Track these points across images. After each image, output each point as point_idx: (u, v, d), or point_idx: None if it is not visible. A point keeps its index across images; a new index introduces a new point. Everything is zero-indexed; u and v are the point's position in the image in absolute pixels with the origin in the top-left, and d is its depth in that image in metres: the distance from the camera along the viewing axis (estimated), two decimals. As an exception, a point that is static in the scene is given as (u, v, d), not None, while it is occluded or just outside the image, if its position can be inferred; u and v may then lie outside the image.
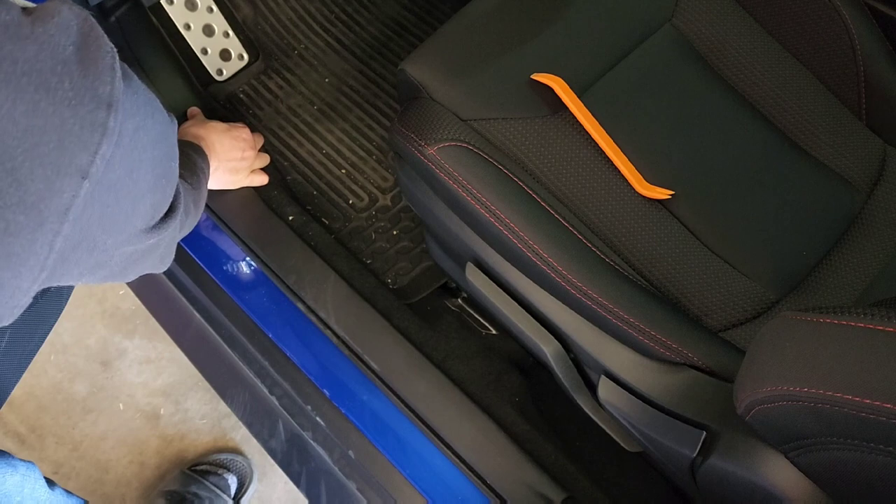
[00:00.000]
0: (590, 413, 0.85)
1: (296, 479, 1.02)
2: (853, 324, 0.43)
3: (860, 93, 0.87)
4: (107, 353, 1.32)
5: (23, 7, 0.42)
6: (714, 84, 0.87)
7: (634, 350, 0.73)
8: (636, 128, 0.83)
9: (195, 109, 1.09)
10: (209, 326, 1.03)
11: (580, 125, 0.82)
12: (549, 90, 0.82)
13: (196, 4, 1.18)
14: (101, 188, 0.43)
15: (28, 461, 0.83)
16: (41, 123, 0.39)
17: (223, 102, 1.20)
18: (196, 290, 1.04)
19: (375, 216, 1.12)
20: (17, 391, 1.27)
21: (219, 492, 1.16)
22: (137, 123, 0.46)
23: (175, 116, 0.58)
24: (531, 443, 0.90)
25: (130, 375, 1.30)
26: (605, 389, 0.76)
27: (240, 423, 1.17)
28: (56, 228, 0.42)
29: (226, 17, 1.22)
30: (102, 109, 0.42)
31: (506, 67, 0.83)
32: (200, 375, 1.13)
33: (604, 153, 0.81)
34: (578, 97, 0.82)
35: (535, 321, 0.82)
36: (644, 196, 0.80)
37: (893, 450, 0.41)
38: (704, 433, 0.65)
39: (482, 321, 1.06)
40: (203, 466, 1.20)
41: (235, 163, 1.01)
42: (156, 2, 1.13)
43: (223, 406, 1.24)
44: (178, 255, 1.00)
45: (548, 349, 0.81)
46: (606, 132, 0.81)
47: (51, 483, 0.88)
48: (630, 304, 0.72)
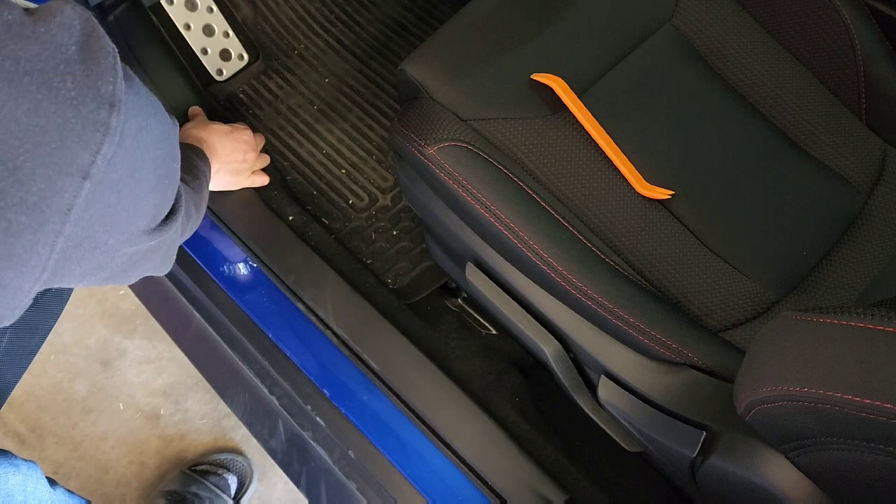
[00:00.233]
0: (590, 413, 0.85)
1: (296, 479, 1.02)
2: (853, 324, 0.43)
3: (860, 93, 0.87)
4: (107, 353, 1.32)
5: (25, 8, 0.42)
6: (714, 84, 0.87)
7: (634, 350, 0.73)
8: (636, 128, 0.83)
9: (196, 109, 1.09)
10: (209, 326, 1.03)
11: (580, 125, 0.82)
12: (549, 90, 0.82)
13: (196, 4, 1.18)
14: (103, 188, 0.43)
15: (30, 461, 0.83)
16: (43, 123, 0.39)
17: (223, 102, 1.20)
18: (196, 290, 1.04)
19: (375, 216, 1.12)
20: (18, 391, 1.27)
21: (219, 492, 1.16)
22: (140, 123, 0.46)
23: (176, 116, 0.58)
24: (531, 443, 0.90)
25: (130, 375, 1.30)
26: (605, 389, 0.76)
27: (240, 423, 1.17)
28: (58, 228, 0.42)
29: (226, 17, 1.22)
30: (105, 109, 0.42)
31: (506, 67, 0.83)
32: (200, 375, 1.13)
33: (604, 153, 0.81)
34: (578, 97, 0.82)
35: (535, 321, 0.82)
36: (644, 196, 0.80)
37: (893, 450, 0.41)
38: (704, 433, 0.65)
39: (482, 321, 1.06)
40: (203, 466, 1.20)
41: (237, 164, 1.01)
42: (156, 2, 1.13)
43: (223, 406, 1.24)
44: (179, 256, 0.99)
45: (548, 349, 0.81)
46: (606, 132, 0.81)
47: (52, 482, 0.88)
48: (630, 304, 0.72)
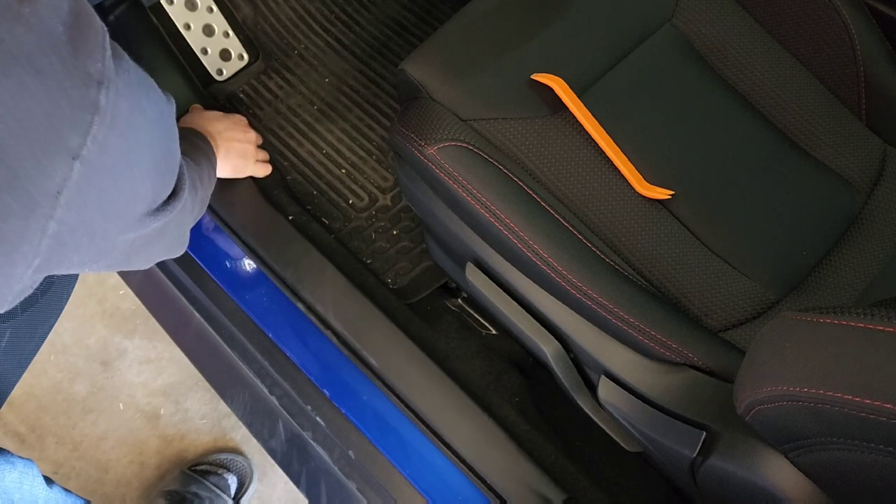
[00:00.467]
0: (590, 413, 0.85)
1: (296, 479, 1.01)
2: (853, 324, 0.43)
3: (860, 93, 0.87)
4: (107, 353, 1.32)
5: None
6: (714, 84, 0.87)
7: (634, 350, 0.73)
8: (636, 128, 0.83)
9: (196, 107, 1.09)
10: (209, 326, 1.03)
11: (580, 125, 0.82)
12: (549, 90, 0.82)
13: (196, 4, 1.18)
14: (97, 171, 0.42)
15: (27, 459, 0.83)
16: (30, 104, 0.38)
17: (223, 102, 1.20)
18: (196, 290, 1.04)
19: (375, 216, 1.12)
20: (17, 391, 1.27)
21: (219, 492, 1.16)
22: (132, 103, 0.45)
23: (175, 117, 0.57)
24: (531, 443, 0.90)
25: (130, 375, 1.30)
26: (605, 389, 0.76)
27: (240, 423, 1.17)
28: (48, 212, 0.41)
29: (226, 17, 1.22)
30: (93, 88, 0.41)
31: (506, 67, 0.83)
32: (200, 375, 1.13)
33: (604, 153, 0.81)
34: (578, 97, 0.82)
35: (535, 321, 0.82)
36: (644, 196, 0.80)
37: (893, 450, 0.41)
38: (704, 433, 0.65)
39: (482, 321, 1.06)
40: (203, 466, 1.20)
41: (241, 145, 1.01)
42: (156, 2, 1.13)
43: (223, 406, 1.24)
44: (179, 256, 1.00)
45: (548, 349, 0.81)
46: (606, 132, 0.81)
47: (49, 481, 0.88)
48: (630, 304, 0.72)
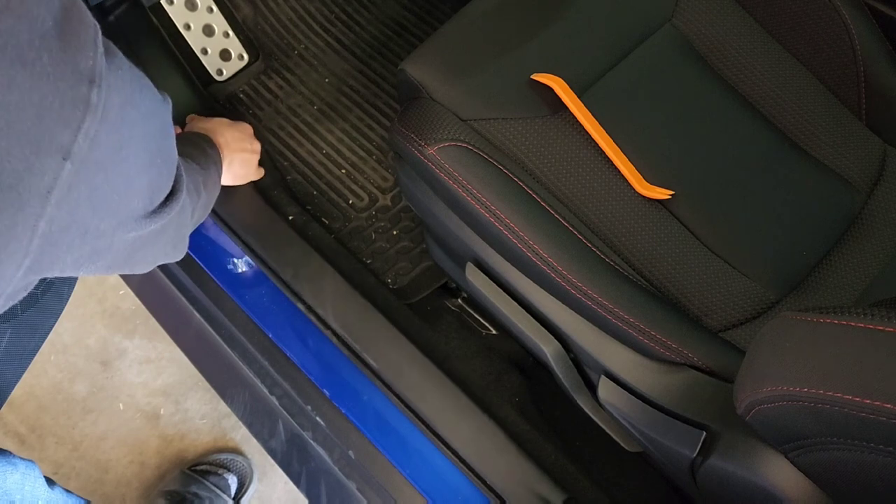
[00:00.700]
0: (590, 413, 0.85)
1: (296, 479, 1.01)
2: (853, 324, 0.43)
3: (860, 93, 0.87)
4: (107, 353, 1.32)
5: None
6: (714, 84, 0.87)
7: (634, 350, 0.73)
8: (636, 128, 0.83)
9: (193, 117, 1.08)
10: (209, 326, 1.03)
11: (580, 125, 0.82)
12: (549, 90, 0.82)
13: (196, 4, 1.18)
14: (87, 168, 0.41)
15: (28, 459, 0.83)
16: (17, 100, 0.37)
17: (223, 102, 1.20)
18: (196, 290, 1.04)
19: (375, 216, 1.12)
20: (18, 391, 1.27)
21: (219, 492, 1.16)
22: (124, 99, 0.43)
23: (175, 118, 0.57)
24: (531, 443, 0.90)
25: (130, 375, 1.30)
26: (605, 389, 0.76)
27: (240, 423, 1.17)
28: (38, 211, 0.40)
29: (226, 17, 1.22)
30: (84, 84, 0.40)
31: (506, 67, 0.83)
32: (200, 375, 1.13)
33: (604, 153, 0.81)
34: (578, 97, 0.82)
35: (535, 321, 0.82)
36: (644, 196, 0.80)
37: (893, 450, 0.41)
38: (704, 433, 0.65)
39: (482, 321, 1.06)
40: (203, 466, 1.20)
41: (247, 154, 1.01)
42: (156, 2, 1.13)
43: (223, 406, 1.24)
44: (178, 255, 1.00)
45: (548, 349, 0.81)
46: (606, 132, 0.81)
47: (50, 482, 0.88)
48: (630, 304, 0.72)
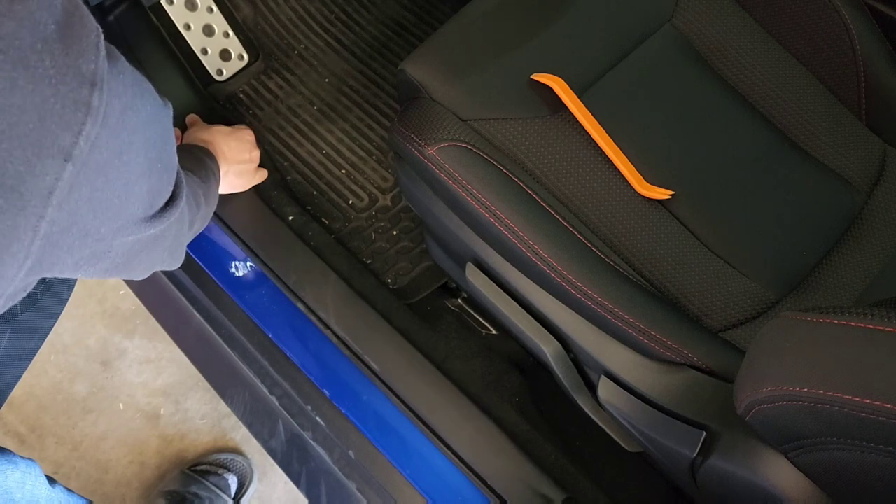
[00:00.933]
0: (590, 413, 0.85)
1: (296, 479, 1.01)
2: (853, 324, 0.43)
3: (860, 93, 0.87)
4: (107, 353, 1.32)
5: None
6: (714, 84, 0.87)
7: (634, 350, 0.73)
8: (636, 128, 0.83)
9: (193, 117, 1.08)
10: (209, 326, 1.03)
11: (580, 125, 0.82)
12: (549, 90, 0.82)
13: (196, 4, 1.18)
14: (88, 170, 0.42)
15: (28, 458, 0.83)
16: (20, 102, 0.37)
17: (223, 102, 1.20)
18: (196, 290, 1.04)
19: (375, 216, 1.12)
20: (17, 391, 1.27)
21: (219, 492, 1.16)
22: (125, 103, 0.44)
23: (175, 118, 0.57)
24: (531, 443, 0.90)
25: (130, 375, 1.30)
26: (605, 389, 0.76)
27: (240, 423, 1.17)
28: (39, 213, 0.40)
29: (226, 17, 1.22)
30: (86, 87, 0.40)
31: (506, 67, 0.83)
32: (200, 375, 1.13)
33: (604, 153, 0.81)
34: (578, 97, 0.82)
35: (535, 321, 0.82)
36: (644, 196, 0.80)
37: (893, 450, 0.41)
38: (704, 433, 0.65)
39: (482, 321, 1.06)
40: (203, 466, 1.20)
41: (245, 165, 1.01)
42: (156, 2, 1.13)
43: (223, 406, 1.24)
44: (178, 255, 1.00)
45: (548, 349, 0.81)
46: (606, 132, 0.81)
47: (51, 481, 0.88)
48: (630, 304, 0.72)
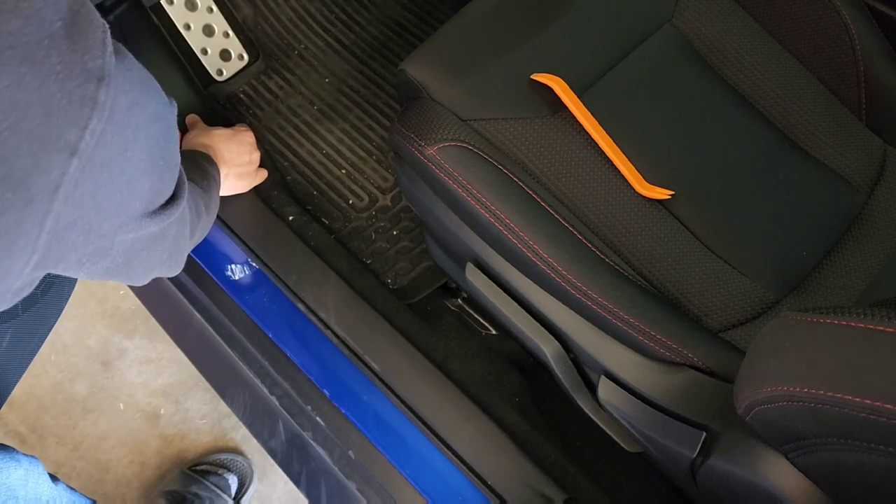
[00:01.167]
0: (590, 413, 0.85)
1: (296, 479, 1.01)
2: (853, 324, 0.43)
3: (860, 93, 0.87)
4: (107, 353, 1.32)
5: None
6: (714, 84, 0.87)
7: (634, 350, 0.73)
8: (636, 128, 0.83)
9: (193, 117, 1.08)
10: (209, 326, 1.03)
11: (580, 125, 0.82)
12: (549, 90, 0.82)
13: (196, 4, 1.18)
14: (93, 165, 0.42)
15: (31, 456, 0.83)
16: (27, 97, 0.38)
17: (223, 102, 1.20)
18: (196, 290, 1.04)
19: (375, 216, 1.12)
20: (18, 391, 1.27)
21: (219, 492, 1.16)
22: (132, 100, 0.44)
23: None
24: (531, 443, 0.90)
25: (131, 375, 1.30)
26: (605, 390, 0.76)
27: (240, 423, 1.17)
28: (46, 207, 0.41)
29: (226, 17, 1.22)
30: (92, 83, 0.41)
31: (506, 67, 0.83)
32: (200, 375, 1.13)
33: (604, 153, 0.81)
34: (578, 97, 0.82)
35: (535, 321, 0.82)
36: (644, 196, 0.80)
37: (893, 450, 0.41)
38: (704, 433, 0.65)
39: (482, 321, 1.06)
40: (203, 466, 1.20)
41: (245, 167, 1.02)
42: (156, 2, 1.13)
43: (223, 406, 1.24)
44: (179, 256, 1.00)
45: (548, 349, 0.81)
46: (606, 132, 0.81)
47: (54, 478, 0.88)
48: (630, 304, 0.72)
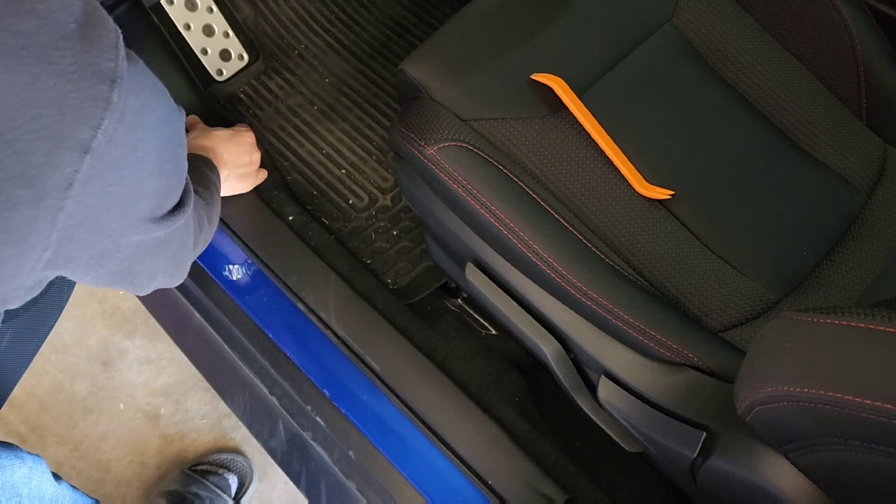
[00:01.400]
0: (590, 413, 0.85)
1: (296, 479, 1.01)
2: (853, 324, 0.43)
3: (860, 93, 0.87)
4: (107, 353, 1.32)
5: None
6: (714, 84, 0.87)
7: (634, 350, 0.73)
8: (636, 128, 0.83)
9: (193, 118, 1.08)
10: (209, 326, 1.03)
11: (580, 125, 0.82)
12: (549, 90, 0.82)
13: (196, 4, 1.18)
14: (104, 164, 0.43)
15: (35, 454, 0.83)
16: (41, 96, 0.39)
17: (223, 102, 1.20)
18: (196, 290, 1.04)
19: (375, 216, 1.12)
20: (18, 391, 1.27)
21: (219, 492, 1.16)
22: (142, 102, 0.45)
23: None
24: (531, 443, 0.90)
25: (131, 375, 1.30)
26: (605, 390, 0.76)
27: (240, 423, 1.17)
28: (58, 204, 0.41)
29: (226, 17, 1.22)
30: (105, 84, 0.42)
31: (506, 67, 0.83)
32: (200, 375, 1.13)
33: (604, 153, 0.81)
34: (578, 97, 0.82)
35: (535, 321, 0.82)
36: (644, 196, 0.80)
37: (894, 450, 0.41)
38: (704, 434, 0.65)
39: (482, 321, 1.06)
40: (203, 466, 1.20)
41: (245, 168, 1.02)
42: (156, 2, 1.13)
43: (223, 406, 1.24)
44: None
45: (548, 349, 0.81)
46: (606, 132, 0.81)
47: (57, 477, 0.88)
48: (630, 304, 0.72)
